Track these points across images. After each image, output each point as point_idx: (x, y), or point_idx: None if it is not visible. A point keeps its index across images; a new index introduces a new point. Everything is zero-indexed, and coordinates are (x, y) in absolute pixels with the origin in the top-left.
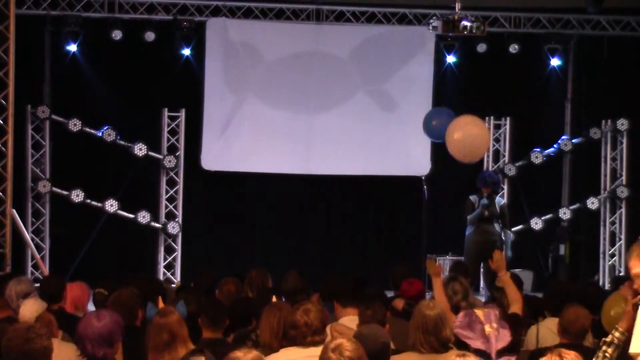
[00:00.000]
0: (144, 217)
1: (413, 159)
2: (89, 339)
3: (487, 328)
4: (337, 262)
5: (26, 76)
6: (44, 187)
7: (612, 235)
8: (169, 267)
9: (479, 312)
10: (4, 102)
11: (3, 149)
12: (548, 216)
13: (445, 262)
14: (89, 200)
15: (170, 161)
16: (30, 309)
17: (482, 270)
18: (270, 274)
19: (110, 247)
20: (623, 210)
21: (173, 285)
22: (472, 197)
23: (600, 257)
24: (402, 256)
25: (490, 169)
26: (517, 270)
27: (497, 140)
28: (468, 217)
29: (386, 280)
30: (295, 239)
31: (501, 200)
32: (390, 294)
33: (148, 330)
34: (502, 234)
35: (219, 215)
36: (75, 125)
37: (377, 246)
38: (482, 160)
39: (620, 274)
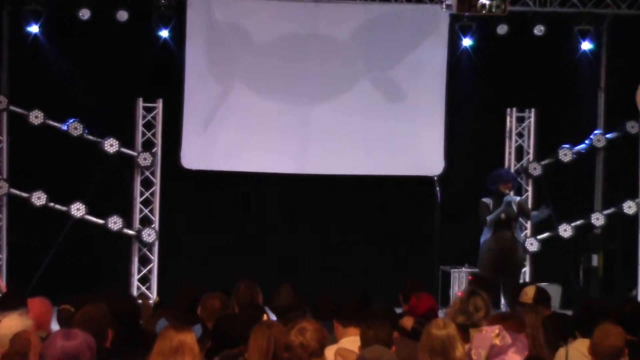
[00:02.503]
0: (115, 222)
1: (424, 157)
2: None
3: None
4: (337, 275)
5: None
6: (1, 188)
7: None
8: (144, 280)
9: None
10: None
11: None
12: (579, 222)
13: (461, 275)
14: (52, 204)
15: (145, 159)
16: (8, 325)
17: (501, 283)
18: (261, 287)
19: (76, 257)
20: None
21: (150, 301)
22: (485, 199)
23: (639, 268)
24: (412, 267)
25: (512, 167)
26: (543, 284)
27: (520, 135)
28: (488, 217)
29: (394, 295)
30: (290, 248)
31: (517, 198)
32: (400, 311)
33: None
34: (520, 238)
35: (202, 221)
36: (36, 117)
37: (383, 256)
38: (503, 158)
39: None
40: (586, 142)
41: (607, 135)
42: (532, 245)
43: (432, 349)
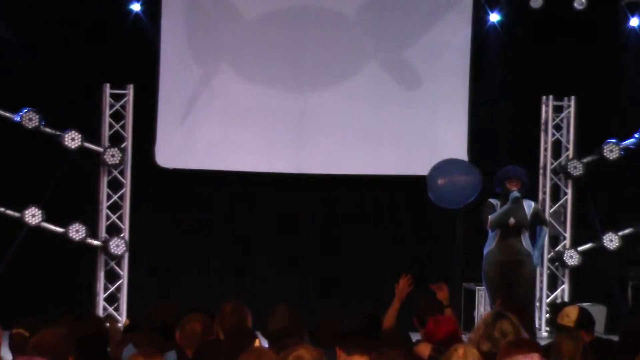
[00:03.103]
0: (77, 231)
1: (443, 153)
2: None
3: None
4: (341, 292)
5: None
6: None
7: None
8: (112, 299)
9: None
10: None
11: None
12: (627, 231)
13: (487, 294)
14: (2, 209)
15: (113, 156)
16: None
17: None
18: (251, 308)
19: (31, 272)
20: None
21: (118, 325)
22: (492, 200)
23: None
24: (427, 284)
25: (549, 166)
26: (586, 305)
27: (557, 127)
28: (490, 217)
29: (408, 316)
30: (284, 261)
31: (531, 203)
32: (416, 336)
33: None
34: (531, 249)
35: (181, 229)
36: None
37: (394, 270)
38: (537, 155)
39: None
40: (635, 135)
41: None
42: (572, 258)
43: None
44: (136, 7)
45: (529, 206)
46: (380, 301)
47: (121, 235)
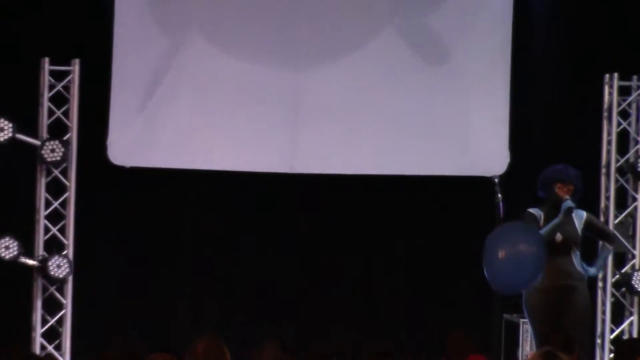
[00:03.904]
0: (7, 247)
1: (478, 149)
2: None
3: None
4: (346, 322)
5: None
6: None
7: None
8: (52, 334)
9: None
10: None
11: None
12: None
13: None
14: None
15: (53, 151)
16: None
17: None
18: (230, 345)
19: None
20: None
21: None
22: (533, 210)
23: None
24: (461, 314)
25: (613, 163)
26: None
27: (624, 114)
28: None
29: (434, 355)
30: (272, 282)
31: (582, 213)
32: None
33: None
34: (584, 270)
35: (141, 244)
36: None
37: (415, 296)
38: (599, 149)
39: None
40: None
41: None
42: None
43: None
44: None
45: (579, 217)
46: (393, 330)
47: (64, 253)
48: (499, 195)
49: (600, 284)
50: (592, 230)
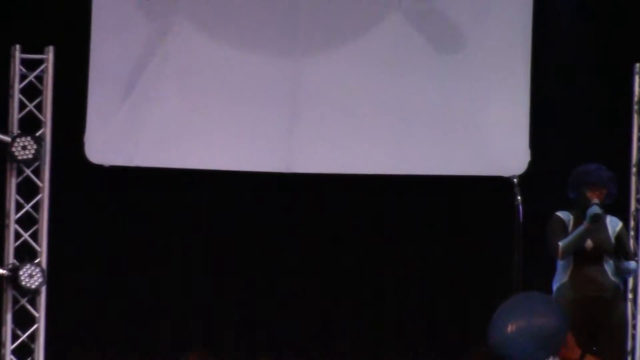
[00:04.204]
0: None
1: (495, 146)
2: None
3: None
4: (351, 338)
5: None
6: None
7: None
8: (23, 351)
9: None
10: None
11: None
12: None
13: None
14: None
15: (25, 147)
16: None
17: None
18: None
19: None
20: None
21: None
22: (562, 214)
23: None
24: (480, 329)
25: None
26: None
27: None
28: (560, 243)
29: None
30: (268, 294)
31: (617, 221)
32: None
33: None
34: (619, 276)
35: (121, 251)
36: None
37: (428, 308)
38: (628, 147)
39: None
40: None
41: None
42: None
43: None
44: None
45: (613, 225)
46: (405, 347)
47: (36, 262)
48: (519, 198)
49: (630, 296)
50: (619, 243)
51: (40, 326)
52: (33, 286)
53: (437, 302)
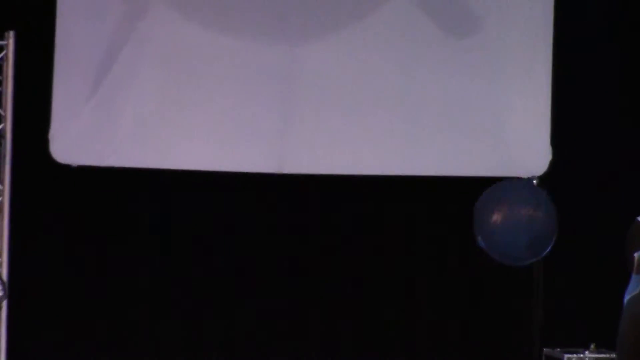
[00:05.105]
0: None
1: (513, 144)
2: None
3: None
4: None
5: None
6: None
7: None
8: None
9: None
10: None
11: None
12: None
13: None
14: None
15: None
16: None
17: None
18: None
19: None
20: None
21: None
22: None
23: None
24: (493, 349)
25: None
26: None
27: None
28: (636, 254)
29: None
30: (261, 310)
31: None
32: None
33: None
34: None
35: (91, 260)
36: None
37: (432, 325)
38: None
39: None
40: None
41: None
42: None
43: None
44: None
45: None
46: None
47: None
48: None
49: None
50: None
51: (1, 344)
52: None
53: (445, 314)
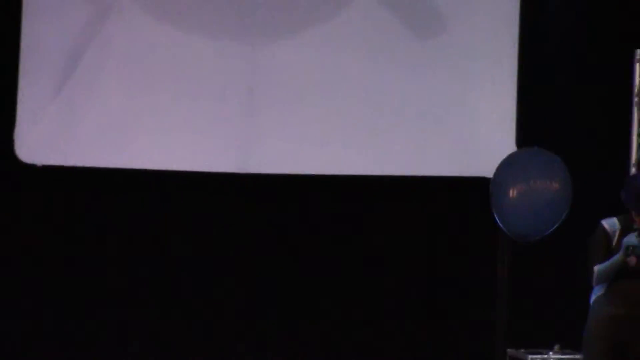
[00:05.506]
0: None
1: (478, 142)
2: None
3: None
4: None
5: None
6: None
7: None
8: None
9: None
10: None
11: None
12: None
13: None
14: None
15: None
16: None
17: None
18: None
19: None
20: None
21: None
22: (608, 223)
23: None
24: (460, 349)
25: None
26: None
27: None
28: (595, 267)
29: None
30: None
31: None
32: None
33: None
34: None
35: (58, 264)
36: None
37: (404, 327)
38: (628, 145)
39: None
40: None
41: None
42: None
43: None
44: None
45: None
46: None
47: None
48: None
49: None
50: None
51: None
52: None
53: (410, 314)
